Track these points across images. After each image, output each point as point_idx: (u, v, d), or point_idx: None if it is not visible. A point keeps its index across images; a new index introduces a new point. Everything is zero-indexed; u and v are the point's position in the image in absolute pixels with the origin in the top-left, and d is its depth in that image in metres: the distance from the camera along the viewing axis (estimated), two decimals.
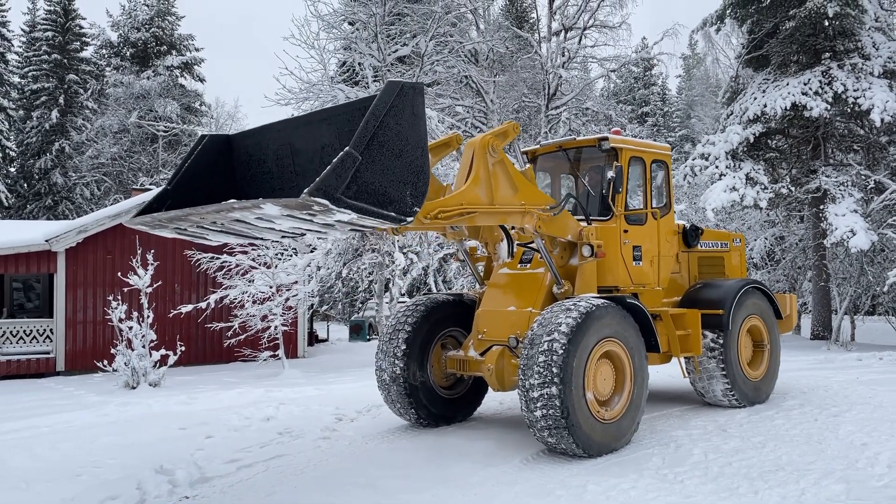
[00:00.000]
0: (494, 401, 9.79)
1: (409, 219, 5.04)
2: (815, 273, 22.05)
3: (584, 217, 8.28)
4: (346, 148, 4.69)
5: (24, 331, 18.20)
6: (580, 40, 26.15)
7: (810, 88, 19.16)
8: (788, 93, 19.31)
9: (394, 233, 7.17)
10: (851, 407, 8.90)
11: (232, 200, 4.83)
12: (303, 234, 5.57)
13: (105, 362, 14.84)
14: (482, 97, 25.60)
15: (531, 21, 30.77)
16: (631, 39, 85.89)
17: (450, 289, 22.88)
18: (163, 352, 14.34)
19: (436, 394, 8.45)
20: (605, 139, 8.45)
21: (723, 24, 22.97)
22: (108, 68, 43.26)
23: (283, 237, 5.70)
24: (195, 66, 43.46)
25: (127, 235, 18.82)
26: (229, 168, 6.43)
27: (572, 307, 6.97)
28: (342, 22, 24.01)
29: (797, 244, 23.94)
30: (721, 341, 8.86)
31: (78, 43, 42.41)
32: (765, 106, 19.80)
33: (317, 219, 4.77)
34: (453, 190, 7.08)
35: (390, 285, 19.10)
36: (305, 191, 4.44)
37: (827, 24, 19.11)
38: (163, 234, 5.90)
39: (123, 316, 14.32)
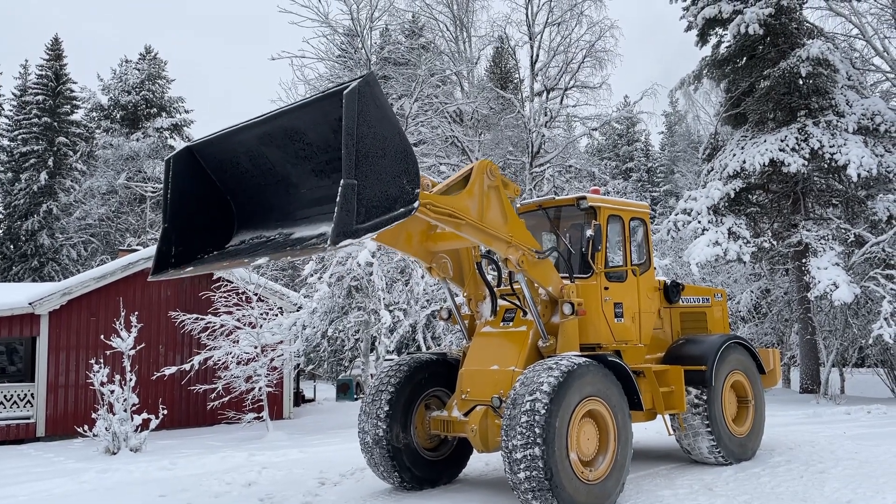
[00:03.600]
0: (480, 462, 9.67)
1: (416, 204, 5.46)
2: (801, 326, 22.12)
3: (567, 275, 8.36)
4: (342, 181, 4.97)
5: (5, 396, 17.89)
6: (562, 100, 26.77)
7: (787, 145, 19.57)
8: (766, 149, 19.71)
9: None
10: (837, 463, 8.85)
11: (262, 251, 5.30)
12: None
13: (85, 427, 14.58)
14: (467, 156, 25.98)
15: (514, 82, 31.50)
16: (611, 99, 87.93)
17: (439, 345, 22.78)
18: (144, 415, 14.12)
19: (420, 456, 8.34)
20: (584, 198, 8.61)
21: (700, 84, 23.58)
22: (97, 130, 43.70)
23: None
24: (185, 128, 44.00)
25: (111, 297, 18.75)
26: (206, 177, 6.58)
27: (554, 366, 6.97)
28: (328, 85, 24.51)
29: (783, 297, 24.08)
30: (705, 397, 8.83)
31: (68, 106, 42.95)
32: (744, 162, 20.19)
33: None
34: None
35: (377, 343, 19.00)
36: (329, 241, 4.82)
37: (801, 82, 19.66)
38: (183, 275, 6.26)
39: (105, 379, 14.14)
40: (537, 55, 26.95)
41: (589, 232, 8.36)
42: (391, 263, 20.51)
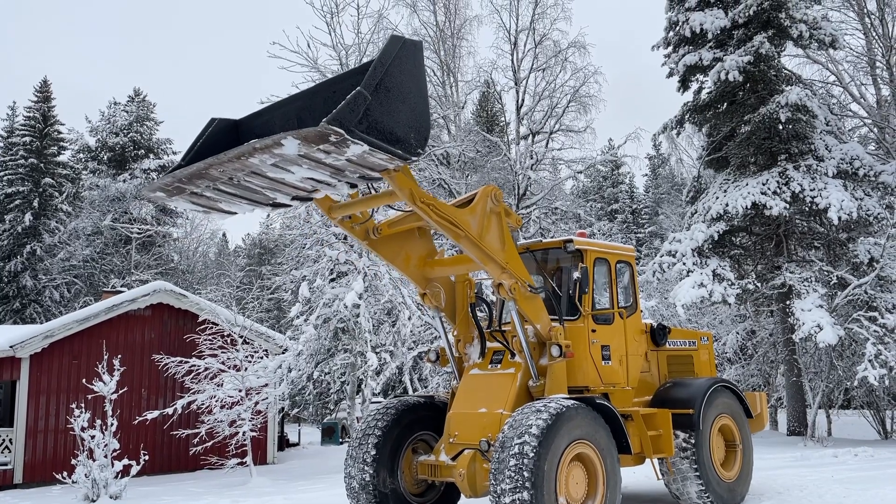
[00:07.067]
0: None
1: (415, 158, 5.39)
2: (787, 367, 22.18)
3: (556, 317, 8.38)
4: (358, 88, 4.99)
5: None
6: (547, 143, 27.15)
7: (769, 188, 19.86)
8: (748, 192, 19.98)
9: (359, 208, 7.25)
10: None
11: (253, 140, 5.04)
12: (315, 191, 5.68)
13: (65, 474, 14.26)
14: (454, 198, 26.16)
15: (500, 125, 31.94)
16: (596, 142, 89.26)
17: (426, 387, 22.61)
18: (125, 461, 13.84)
19: (407, 501, 8.24)
20: (570, 241, 8.70)
21: (682, 129, 23.98)
22: (84, 172, 43.63)
23: (293, 198, 5.85)
24: None
25: (94, 340, 18.51)
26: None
27: (542, 408, 6.95)
28: None
29: (768, 338, 24.16)
30: (693, 441, 8.80)
31: (55, 147, 42.88)
32: (727, 205, 20.44)
33: (330, 157, 5.03)
34: None
35: (363, 386, 18.83)
36: (324, 120, 4.72)
37: (781, 128, 20.07)
38: (178, 204, 6.00)
39: (86, 424, 13.89)
40: (523, 100, 27.44)
41: (576, 274, 8.43)
42: (378, 305, 20.45)
